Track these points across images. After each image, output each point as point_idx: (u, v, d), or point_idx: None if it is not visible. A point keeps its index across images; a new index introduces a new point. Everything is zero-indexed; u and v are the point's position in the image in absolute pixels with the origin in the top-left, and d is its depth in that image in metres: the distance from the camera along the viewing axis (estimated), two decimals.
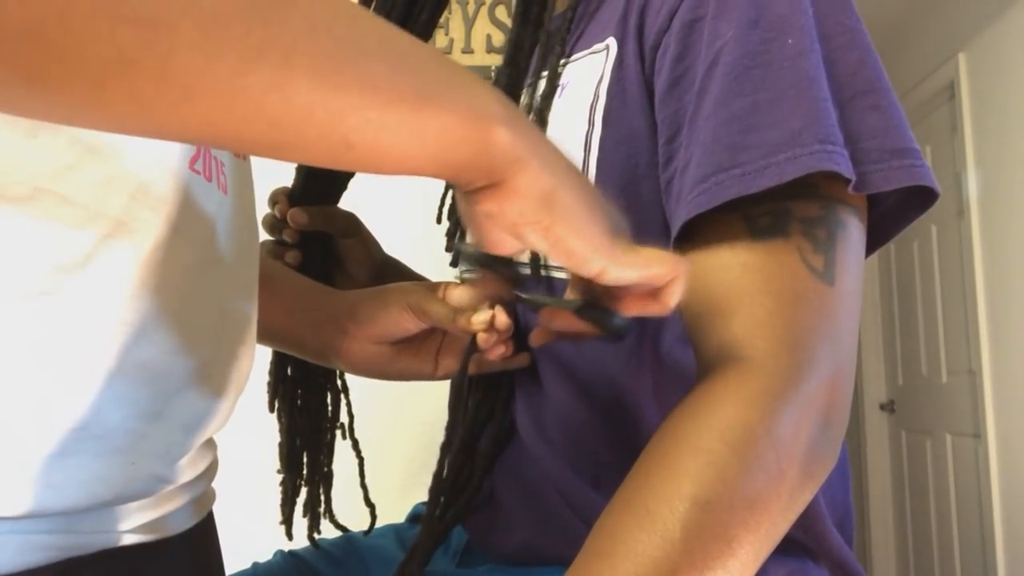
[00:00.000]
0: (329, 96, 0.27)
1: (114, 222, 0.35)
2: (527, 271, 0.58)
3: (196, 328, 0.40)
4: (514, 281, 0.45)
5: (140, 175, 0.36)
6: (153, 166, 0.37)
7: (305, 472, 0.78)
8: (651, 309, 0.42)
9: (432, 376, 0.66)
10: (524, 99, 0.64)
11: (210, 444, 0.49)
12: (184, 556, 0.44)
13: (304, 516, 0.78)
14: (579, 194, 0.36)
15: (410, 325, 0.61)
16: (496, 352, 0.58)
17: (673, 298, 0.41)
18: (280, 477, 0.79)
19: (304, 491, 0.78)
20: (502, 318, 0.56)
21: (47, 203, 0.33)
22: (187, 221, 0.39)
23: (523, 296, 0.48)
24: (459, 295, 0.59)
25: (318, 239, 0.78)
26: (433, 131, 0.30)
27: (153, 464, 0.40)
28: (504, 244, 0.39)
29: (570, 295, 0.46)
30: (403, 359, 0.65)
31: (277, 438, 0.79)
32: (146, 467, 0.39)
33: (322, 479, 0.79)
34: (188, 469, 0.44)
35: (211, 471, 0.49)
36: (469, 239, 0.42)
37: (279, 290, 0.66)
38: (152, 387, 0.38)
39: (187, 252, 0.39)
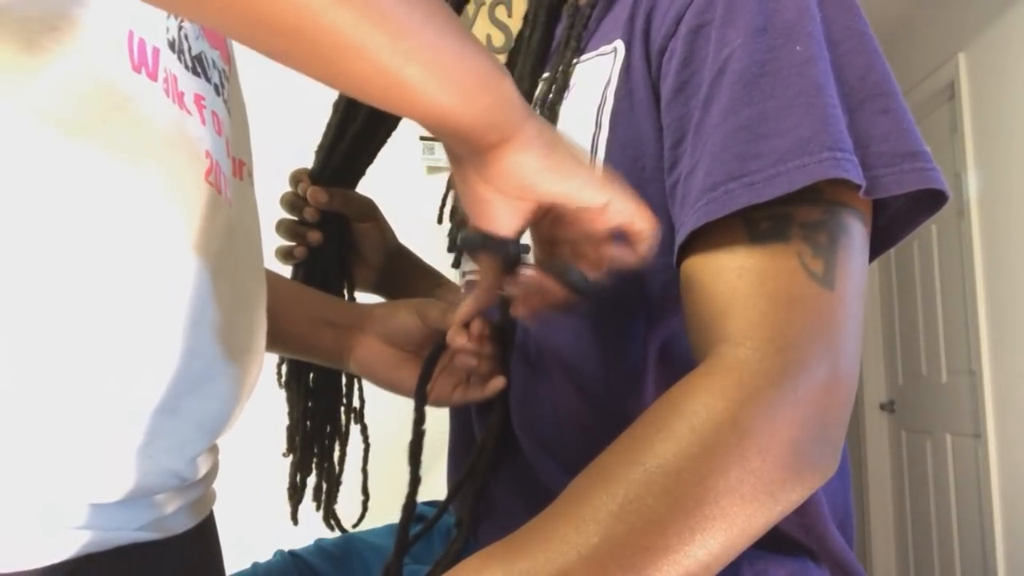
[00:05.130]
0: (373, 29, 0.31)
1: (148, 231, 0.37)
2: (526, 253, 0.59)
3: (206, 330, 0.41)
4: (515, 262, 0.46)
5: (171, 188, 0.38)
6: (186, 180, 0.39)
7: (316, 455, 0.77)
8: (628, 257, 0.45)
9: None
10: (537, 93, 0.64)
11: (213, 448, 0.50)
12: (184, 555, 0.45)
13: (314, 500, 0.77)
14: (563, 137, 0.40)
15: (413, 327, 0.67)
16: (463, 359, 0.61)
17: (647, 246, 0.45)
18: (278, 477, 0.78)
19: (313, 475, 0.77)
20: (477, 323, 0.60)
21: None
22: (204, 231, 0.41)
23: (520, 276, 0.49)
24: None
25: (335, 222, 0.79)
26: (468, 69, 0.34)
27: (168, 459, 0.41)
28: (504, 220, 0.41)
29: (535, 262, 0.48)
30: (404, 369, 0.67)
31: (277, 439, 0.78)
32: (162, 461, 0.40)
33: (336, 461, 0.78)
34: (197, 468, 0.45)
35: (213, 474, 0.50)
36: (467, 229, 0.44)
37: (302, 299, 0.71)
38: (168, 385, 0.39)
39: (201, 261, 0.41)
